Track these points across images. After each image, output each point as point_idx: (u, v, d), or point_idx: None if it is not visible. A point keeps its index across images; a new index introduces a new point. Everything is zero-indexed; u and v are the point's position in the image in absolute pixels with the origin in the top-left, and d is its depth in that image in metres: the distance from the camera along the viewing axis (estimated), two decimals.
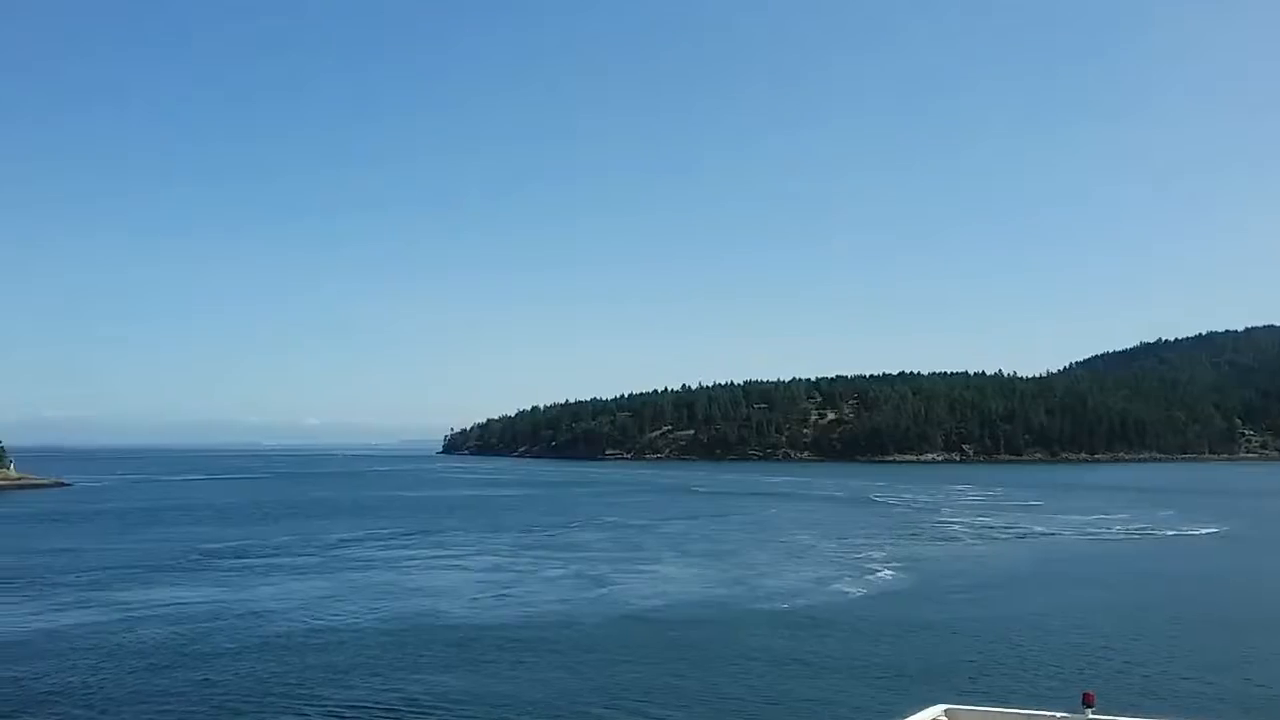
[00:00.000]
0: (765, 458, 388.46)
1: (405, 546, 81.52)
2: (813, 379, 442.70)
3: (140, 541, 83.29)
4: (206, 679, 35.51)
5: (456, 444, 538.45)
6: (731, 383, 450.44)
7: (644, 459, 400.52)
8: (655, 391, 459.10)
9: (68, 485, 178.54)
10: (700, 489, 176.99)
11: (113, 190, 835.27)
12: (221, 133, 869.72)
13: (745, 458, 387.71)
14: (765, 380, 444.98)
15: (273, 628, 44.86)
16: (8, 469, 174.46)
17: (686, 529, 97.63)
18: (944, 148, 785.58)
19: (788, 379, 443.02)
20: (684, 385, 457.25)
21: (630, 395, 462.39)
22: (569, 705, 31.89)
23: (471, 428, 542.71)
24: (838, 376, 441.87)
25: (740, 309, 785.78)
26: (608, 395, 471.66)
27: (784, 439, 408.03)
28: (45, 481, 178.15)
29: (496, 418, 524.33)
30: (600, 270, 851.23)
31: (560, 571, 65.56)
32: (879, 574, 63.94)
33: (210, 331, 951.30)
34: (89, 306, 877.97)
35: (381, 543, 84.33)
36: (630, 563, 70.23)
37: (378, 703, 32.14)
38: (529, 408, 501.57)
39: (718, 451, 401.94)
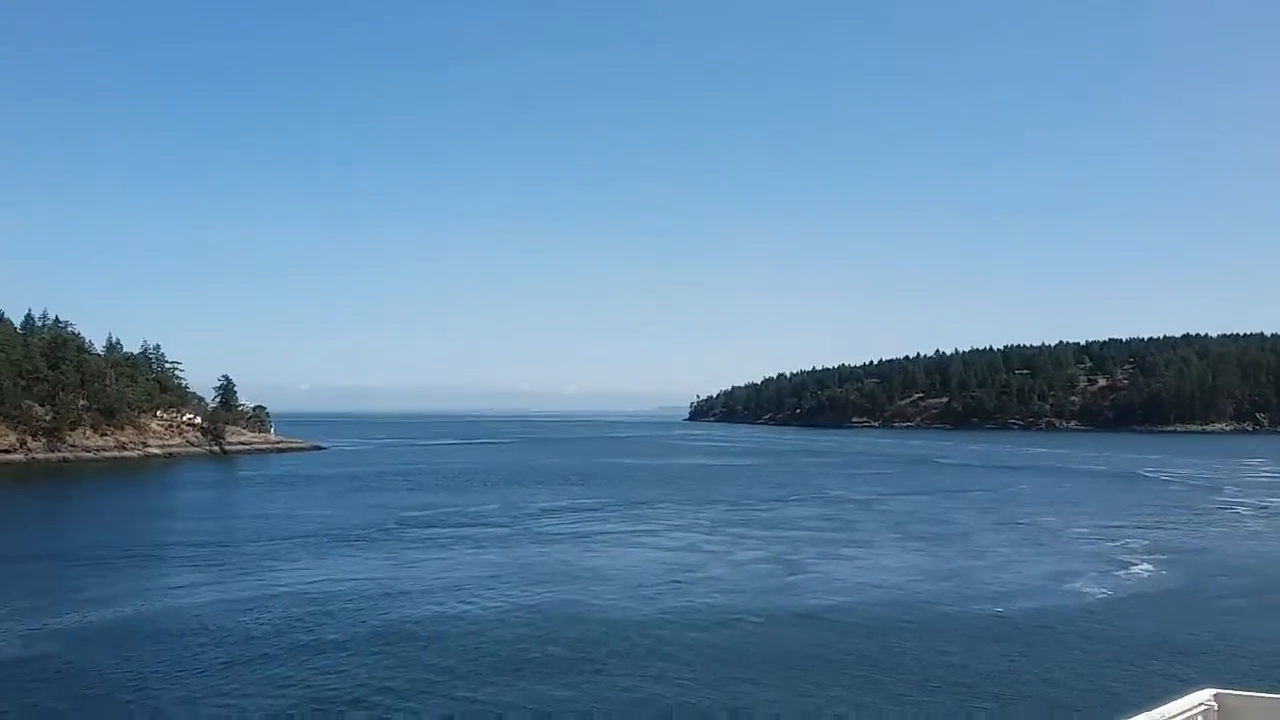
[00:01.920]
0: (1026, 427, 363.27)
1: (603, 519, 77.33)
2: (1082, 342, 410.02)
3: (347, 508, 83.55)
4: (316, 667, 32.14)
5: (702, 411, 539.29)
6: (990, 347, 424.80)
7: (892, 427, 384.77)
8: (906, 357, 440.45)
9: (324, 449, 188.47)
10: (944, 460, 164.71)
11: (380, 176, 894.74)
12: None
13: (1004, 427, 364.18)
14: (1028, 344, 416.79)
15: (413, 611, 41.09)
16: (268, 432, 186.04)
17: (914, 507, 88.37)
18: (1237, 91, 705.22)
19: (1053, 342, 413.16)
20: (937, 350, 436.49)
21: (879, 361, 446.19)
22: None
23: (717, 395, 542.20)
24: (1110, 339, 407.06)
25: (998, 268, 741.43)
26: (855, 361, 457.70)
27: (1048, 407, 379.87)
28: (303, 445, 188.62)
29: (742, 384, 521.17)
30: (847, 230, 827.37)
31: (755, 554, 58.99)
32: (1133, 569, 53.47)
33: (482, 304, 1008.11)
34: (385, 288, 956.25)
35: (581, 514, 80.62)
36: (837, 545, 62.73)
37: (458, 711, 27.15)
38: (775, 374, 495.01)
39: (973, 420, 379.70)
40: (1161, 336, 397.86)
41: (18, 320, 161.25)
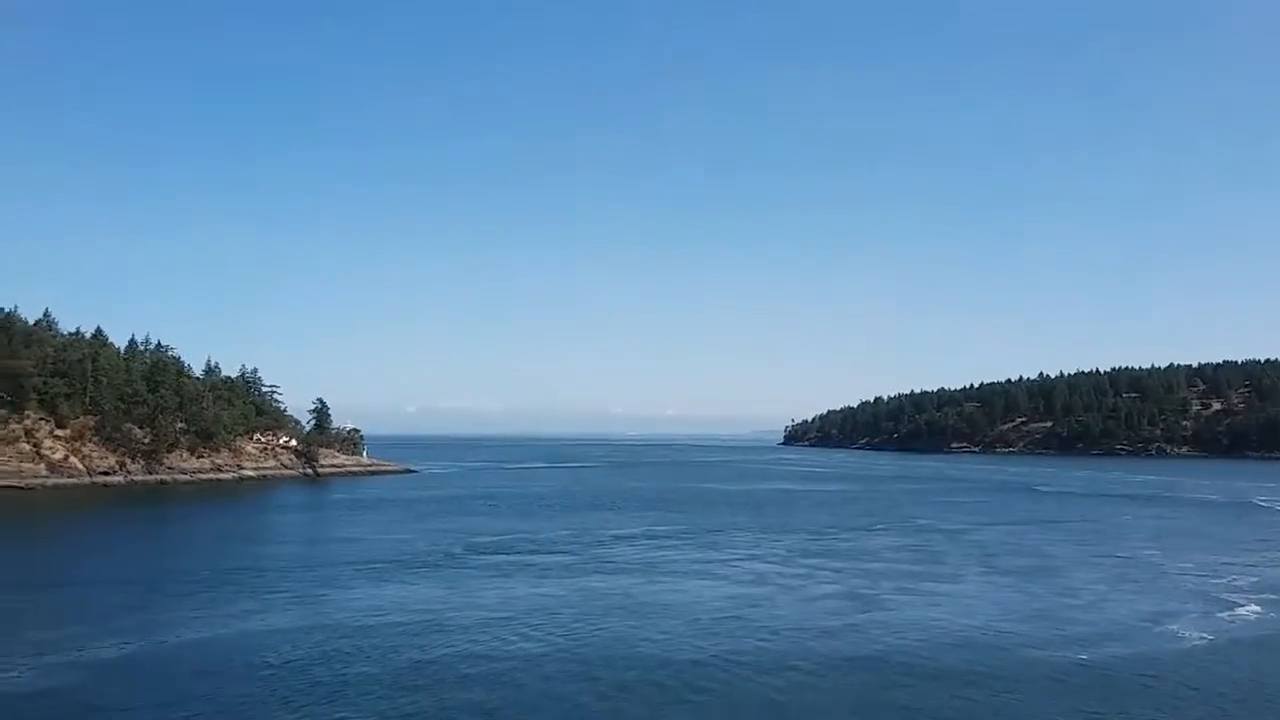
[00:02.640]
0: (1134, 453, 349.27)
1: (676, 547, 75.09)
2: (1195, 364, 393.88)
3: (417, 532, 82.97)
4: (345, 705, 30.85)
5: (796, 435, 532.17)
6: (1096, 370, 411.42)
7: (994, 452, 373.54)
8: (1008, 381, 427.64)
9: (415, 472, 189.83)
10: (1044, 488, 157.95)
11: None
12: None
13: (1111, 452, 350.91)
14: (1136, 366, 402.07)
15: (458, 646, 39.61)
16: (360, 455, 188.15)
17: (1005, 538, 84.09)
18: None
19: (1164, 364, 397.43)
20: (1041, 373, 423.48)
21: (980, 385, 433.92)
22: None
23: (813, 419, 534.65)
24: (1225, 361, 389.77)
25: (1104, 287, 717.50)
26: (955, 385, 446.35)
27: (1158, 432, 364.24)
28: (395, 467, 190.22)
29: (838, 408, 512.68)
30: (948, 253, 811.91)
31: (828, 589, 56.15)
32: (1238, 610, 49.34)
33: (582, 329, 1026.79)
34: (489, 315, 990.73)
35: (654, 541, 78.56)
36: (917, 580, 59.46)
37: None
38: (872, 398, 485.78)
39: (1079, 445, 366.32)
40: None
41: (122, 344, 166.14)
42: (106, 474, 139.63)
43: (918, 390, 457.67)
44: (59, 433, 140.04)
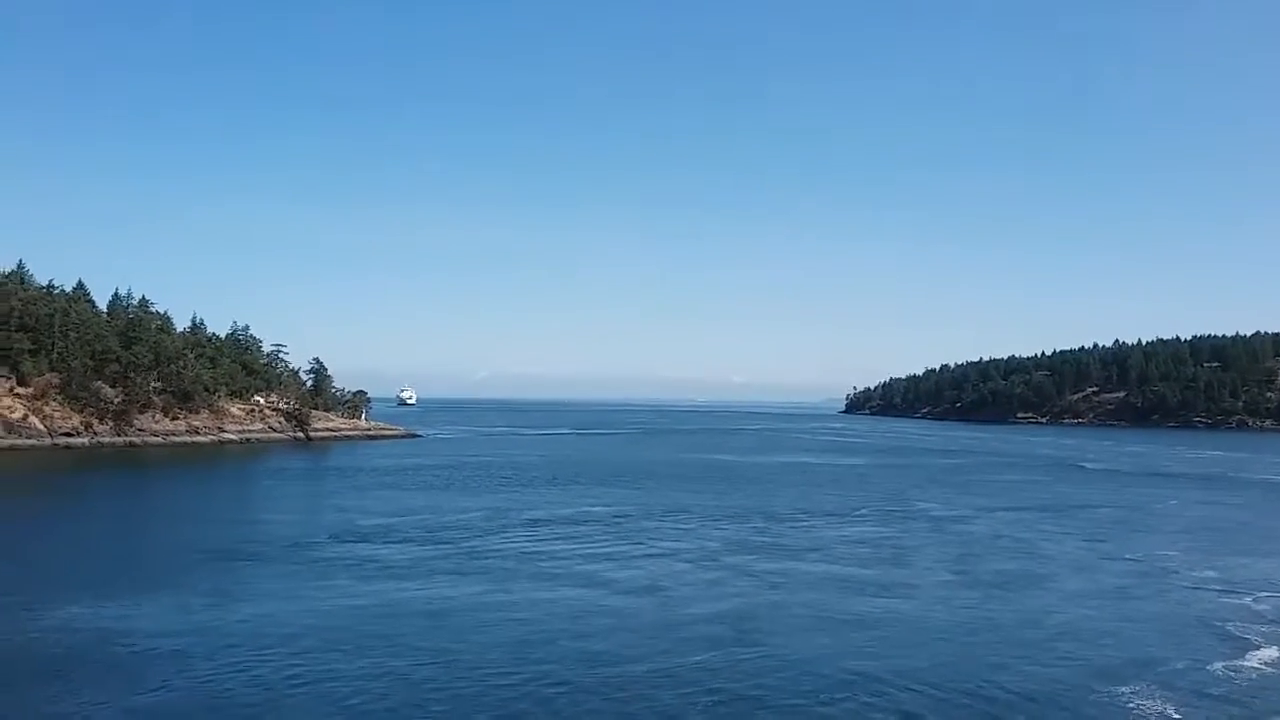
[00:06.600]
0: (1213, 426, 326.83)
1: (587, 536, 62.88)
2: None
3: (304, 511, 73.20)
4: None
5: (858, 403, 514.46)
6: (1177, 338, 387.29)
7: (1061, 424, 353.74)
8: (1080, 349, 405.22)
9: (418, 436, 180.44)
10: (1092, 465, 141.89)
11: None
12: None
13: (1188, 425, 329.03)
14: (1219, 334, 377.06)
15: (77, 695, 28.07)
16: (359, 419, 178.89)
17: (1006, 529, 70.27)
18: None
19: (1249, 332, 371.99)
20: (1117, 341, 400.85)
21: (1051, 353, 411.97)
22: None
23: (875, 386, 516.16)
24: None
25: (1185, 250, 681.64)
26: (1025, 353, 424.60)
27: (1240, 404, 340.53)
28: (396, 432, 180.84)
29: (902, 376, 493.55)
30: (1022, 214, 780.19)
31: (714, 607, 43.14)
32: (1245, 658, 35.75)
33: (657, 293, 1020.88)
34: (563, 281, 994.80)
35: (570, 528, 66.59)
36: (847, 593, 46.72)
37: None
38: (937, 366, 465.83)
39: (1154, 417, 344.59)
40: None
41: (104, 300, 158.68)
42: (69, 435, 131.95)
43: (987, 358, 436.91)
44: (20, 391, 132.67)
